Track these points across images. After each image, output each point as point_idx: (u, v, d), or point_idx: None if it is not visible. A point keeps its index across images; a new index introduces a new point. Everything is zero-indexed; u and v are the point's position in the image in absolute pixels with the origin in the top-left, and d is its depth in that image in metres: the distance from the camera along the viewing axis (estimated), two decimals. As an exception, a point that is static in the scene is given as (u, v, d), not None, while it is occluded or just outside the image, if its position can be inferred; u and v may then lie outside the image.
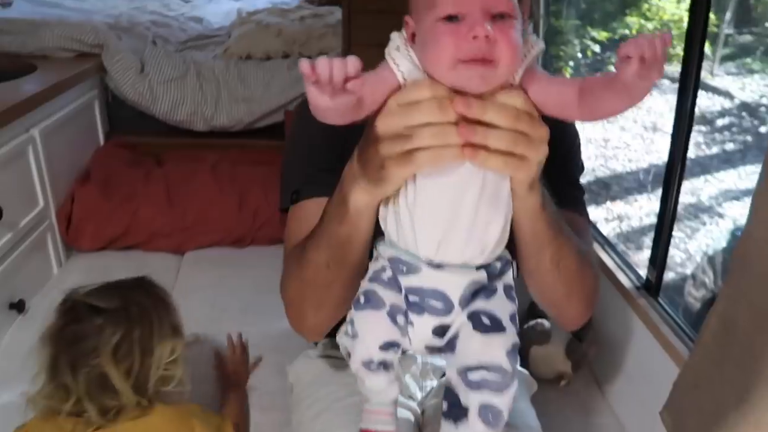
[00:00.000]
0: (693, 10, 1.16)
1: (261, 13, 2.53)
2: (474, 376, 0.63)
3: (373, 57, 0.76)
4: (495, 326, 0.65)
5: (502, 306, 0.67)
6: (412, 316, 0.67)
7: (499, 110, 0.58)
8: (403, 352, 0.70)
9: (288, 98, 2.20)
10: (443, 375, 0.99)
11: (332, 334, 0.87)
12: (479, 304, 0.66)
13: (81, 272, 1.76)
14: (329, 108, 0.55)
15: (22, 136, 1.58)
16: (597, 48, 5.14)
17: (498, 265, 0.68)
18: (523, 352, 1.34)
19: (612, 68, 0.55)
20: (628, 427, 1.31)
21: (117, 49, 2.12)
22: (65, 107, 1.86)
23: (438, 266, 0.66)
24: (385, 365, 0.67)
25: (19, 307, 1.52)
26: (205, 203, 1.90)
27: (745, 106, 4.49)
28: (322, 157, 0.87)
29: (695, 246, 3.53)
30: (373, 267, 0.70)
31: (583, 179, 1.05)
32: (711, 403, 0.81)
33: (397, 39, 0.64)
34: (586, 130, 4.67)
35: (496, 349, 0.64)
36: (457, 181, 0.62)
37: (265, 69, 2.23)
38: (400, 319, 0.67)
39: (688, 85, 1.15)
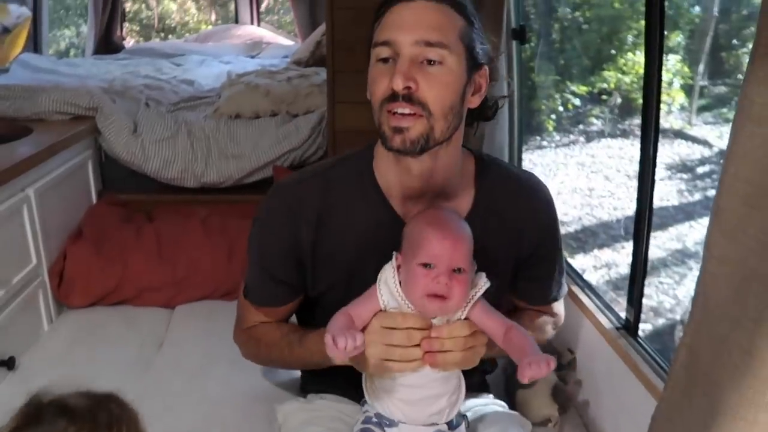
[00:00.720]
0: (648, 59, 1.25)
1: (250, 75, 2.65)
2: None
3: (355, 112, 0.94)
4: None
5: None
6: None
7: (453, 342, 0.89)
8: None
9: (276, 154, 2.28)
10: None
11: (321, 390, 1.13)
12: None
13: (71, 328, 1.78)
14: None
15: (18, 196, 1.63)
16: (577, 101, 5.34)
17: (454, 420, 0.97)
18: (510, 397, 1.37)
19: (593, 120, 0.69)
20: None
21: (111, 111, 2.21)
22: (60, 167, 1.92)
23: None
24: None
25: (9, 364, 1.53)
26: (195, 257, 1.94)
27: (723, 154, 4.64)
28: (274, 267, 1.04)
29: (684, 291, 3.56)
30: (364, 413, 0.98)
31: (570, 228, 1.14)
32: (683, 433, 0.83)
33: (388, 270, 0.92)
34: (570, 180, 4.79)
35: None
36: (419, 374, 0.92)
37: (254, 127, 2.31)
38: None
39: (648, 133, 1.22)
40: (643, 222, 1.29)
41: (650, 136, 1.25)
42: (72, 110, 2.18)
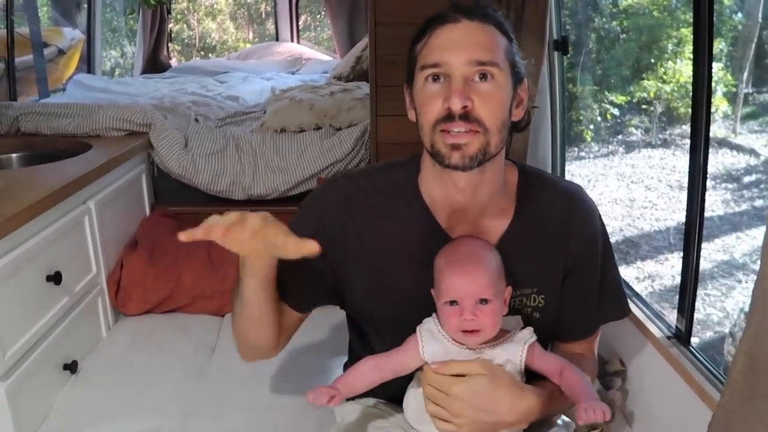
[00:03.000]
0: (696, 67, 1.25)
1: (293, 90, 2.72)
2: None
3: (398, 125, 0.95)
4: None
5: None
6: None
7: (434, 393, 0.94)
8: None
9: (320, 167, 2.33)
10: None
11: (369, 395, 1.09)
12: None
13: (128, 335, 1.85)
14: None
15: (80, 208, 1.72)
16: (616, 111, 5.27)
17: None
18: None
19: (633, 129, 0.71)
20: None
21: (163, 126, 2.30)
22: (117, 181, 2.01)
23: None
24: None
25: (72, 368, 1.60)
26: (244, 267, 1.99)
27: (771, 162, 4.52)
28: (298, 264, 1.01)
29: (732, 304, 3.47)
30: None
31: (612, 239, 1.12)
32: (743, 439, 0.83)
33: (429, 321, 0.97)
34: (610, 191, 4.72)
35: None
36: None
37: (299, 141, 2.37)
38: None
39: (698, 142, 1.22)
40: (694, 230, 1.28)
41: (700, 144, 1.24)
42: (127, 126, 2.28)
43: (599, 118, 5.36)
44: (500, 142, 0.93)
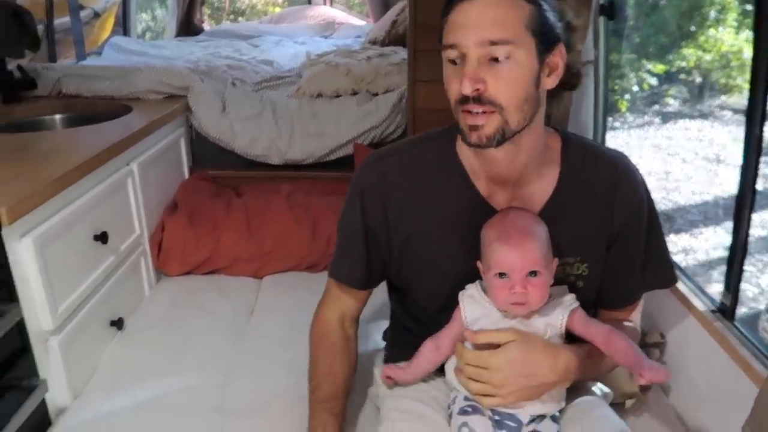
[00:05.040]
0: (757, 40, 1.20)
1: (329, 55, 2.69)
2: None
3: (435, 91, 0.93)
4: None
5: (549, 427, 0.99)
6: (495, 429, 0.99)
7: (474, 370, 0.97)
8: None
9: (357, 132, 2.32)
10: None
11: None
12: (535, 426, 0.99)
13: (170, 294, 1.89)
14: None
15: (124, 169, 1.75)
16: (653, 81, 5.11)
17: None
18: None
19: (670, 100, 0.69)
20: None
21: (201, 90, 2.30)
22: (157, 144, 2.03)
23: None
24: None
25: (118, 324, 1.65)
26: (282, 232, 2.02)
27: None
28: (350, 242, 1.10)
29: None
30: (454, 396, 1.04)
31: None
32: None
33: (472, 288, 1.01)
34: (645, 163, 4.62)
35: None
36: None
37: (335, 106, 2.36)
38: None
39: (756, 115, 1.18)
40: (746, 202, 1.25)
41: (757, 115, 1.20)
42: (166, 89, 2.29)
43: (635, 88, 5.21)
44: (523, 119, 0.92)
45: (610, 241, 1.04)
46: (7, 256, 1.22)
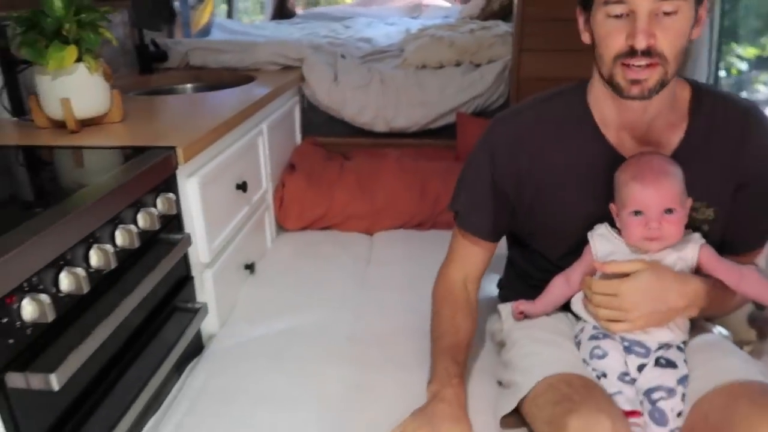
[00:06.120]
0: None
1: (432, 28, 2.79)
2: (654, 395, 1.01)
3: (541, 60, 1.02)
4: (670, 365, 1.03)
5: (676, 355, 1.05)
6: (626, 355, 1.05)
7: (600, 298, 1.04)
8: None
9: (460, 101, 2.41)
10: None
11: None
12: (663, 352, 1.04)
13: (290, 246, 2.06)
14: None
15: (257, 128, 1.92)
16: (744, 66, 4.86)
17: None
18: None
19: (760, 87, 0.75)
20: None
21: (315, 61, 2.46)
22: (278, 109, 2.20)
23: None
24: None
25: (251, 268, 1.82)
26: (391, 190, 2.14)
27: None
28: (480, 195, 1.17)
29: None
30: (581, 327, 1.12)
31: None
32: None
33: (601, 227, 1.09)
34: None
35: (669, 378, 1.01)
36: None
37: (439, 76, 2.45)
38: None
39: None
40: None
41: None
42: (282, 61, 2.46)
43: (723, 73, 4.98)
44: (677, 69, 0.97)
45: (738, 185, 1.07)
46: (179, 192, 1.39)
